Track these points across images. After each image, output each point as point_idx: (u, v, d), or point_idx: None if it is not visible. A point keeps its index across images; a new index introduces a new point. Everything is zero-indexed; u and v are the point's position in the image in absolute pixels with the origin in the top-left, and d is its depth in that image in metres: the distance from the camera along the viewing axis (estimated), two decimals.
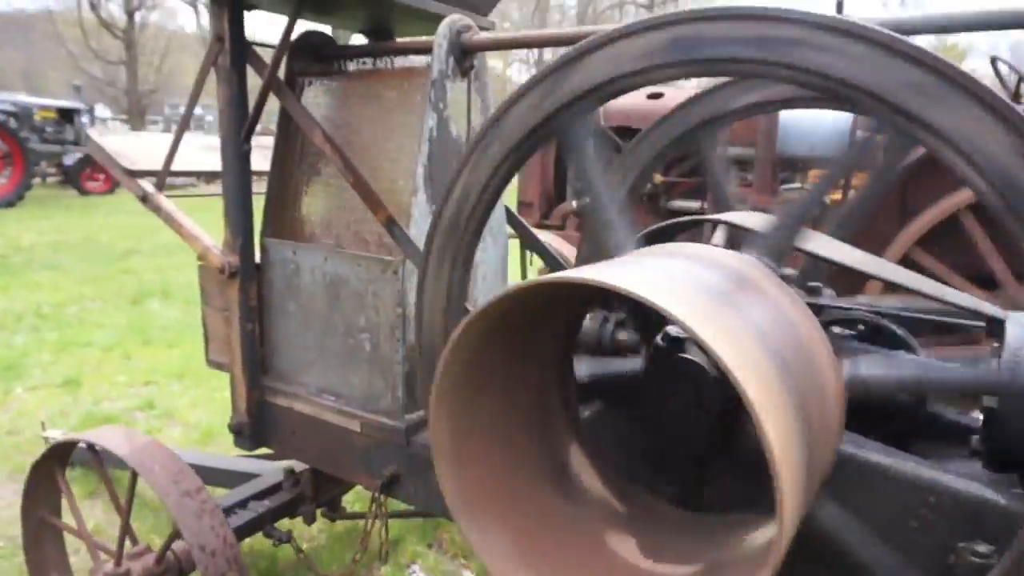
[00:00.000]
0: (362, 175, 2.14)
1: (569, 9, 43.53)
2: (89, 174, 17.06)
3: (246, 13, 2.28)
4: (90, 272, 8.80)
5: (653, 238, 2.02)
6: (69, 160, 16.66)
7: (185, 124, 2.48)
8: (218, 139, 2.96)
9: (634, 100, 5.44)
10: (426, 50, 2.44)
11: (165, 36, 42.20)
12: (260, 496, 2.62)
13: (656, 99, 5.24)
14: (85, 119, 16.86)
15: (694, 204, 5.18)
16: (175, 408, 4.68)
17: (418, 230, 2.10)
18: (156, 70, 40.52)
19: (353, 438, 2.25)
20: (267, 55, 2.33)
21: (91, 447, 2.09)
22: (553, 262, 1.80)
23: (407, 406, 2.16)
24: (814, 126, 4.75)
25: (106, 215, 14.03)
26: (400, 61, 2.72)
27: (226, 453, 4.09)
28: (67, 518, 2.32)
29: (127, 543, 2.07)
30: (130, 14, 37.02)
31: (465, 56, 2.20)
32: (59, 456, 2.18)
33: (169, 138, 2.97)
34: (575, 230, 5.62)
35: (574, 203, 5.53)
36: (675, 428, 1.36)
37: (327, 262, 2.27)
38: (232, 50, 2.25)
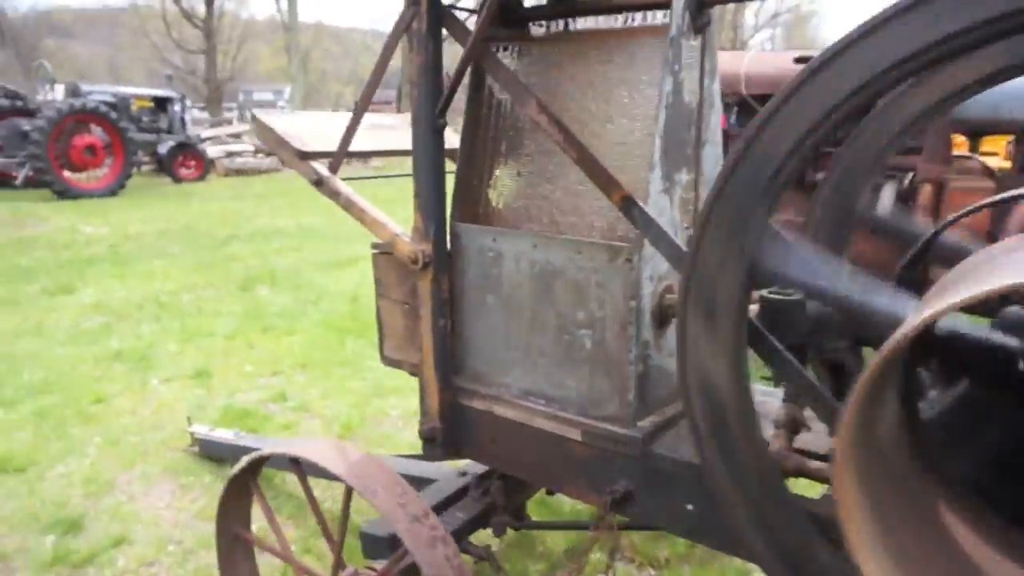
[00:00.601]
0: (588, 150, 1.85)
1: None
2: (182, 161, 17.46)
3: None
4: (197, 259, 8.88)
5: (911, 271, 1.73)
6: (163, 148, 17.05)
7: (367, 101, 2.24)
8: (383, 117, 2.72)
9: (779, 65, 5.00)
10: (639, 7, 2.14)
11: (240, 25, 43.16)
12: (445, 505, 2.40)
13: (803, 63, 4.76)
14: (178, 107, 17.19)
15: None
16: (308, 400, 4.56)
17: (655, 211, 1.81)
18: (232, 58, 41.48)
19: (572, 448, 1.99)
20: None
21: (295, 460, 1.89)
22: None
23: (638, 412, 1.89)
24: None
25: (201, 202, 14.29)
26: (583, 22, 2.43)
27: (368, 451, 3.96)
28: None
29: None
30: (209, 3, 37.91)
31: (701, 11, 1.89)
32: (255, 468, 2.00)
33: (332, 116, 2.77)
34: None
35: None
36: None
37: (536, 249, 2.00)
38: (428, 14, 2.00)
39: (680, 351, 1.52)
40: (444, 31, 2.07)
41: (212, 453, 3.70)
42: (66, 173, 14.51)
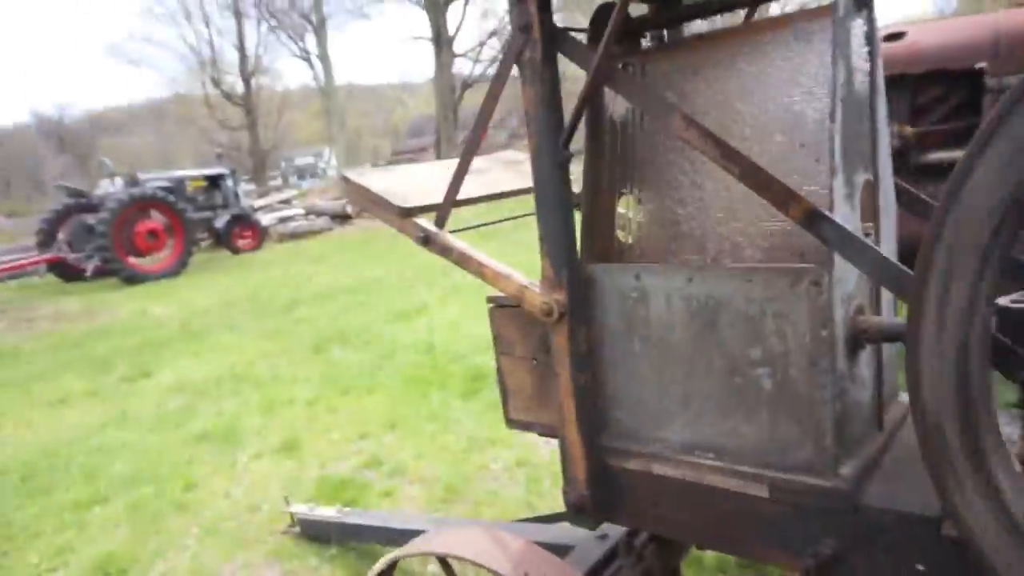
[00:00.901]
0: (753, 161, 1.60)
1: None
2: (238, 233, 17.84)
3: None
4: (265, 327, 8.85)
5: None
6: (219, 223, 17.48)
7: (474, 148, 2.05)
8: (478, 159, 2.55)
9: None
10: None
11: (277, 97, 44.57)
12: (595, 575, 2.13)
13: (896, 40, 4.40)
14: (230, 182, 17.65)
15: (958, 154, 4.31)
16: (402, 463, 4.33)
17: (843, 223, 1.56)
18: (272, 129, 42.81)
19: (757, 505, 1.70)
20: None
21: (443, 561, 1.65)
22: None
23: (838, 458, 1.60)
24: None
25: (260, 270, 14.47)
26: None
27: (474, 514, 3.70)
28: None
29: None
30: (247, 81, 39.34)
31: None
32: (390, 572, 1.76)
33: (422, 168, 2.59)
34: None
35: None
36: None
37: (692, 283, 1.74)
38: (543, 39, 1.79)
39: (912, 383, 1.25)
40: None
41: (315, 533, 3.49)
42: (131, 259, 14.93)
